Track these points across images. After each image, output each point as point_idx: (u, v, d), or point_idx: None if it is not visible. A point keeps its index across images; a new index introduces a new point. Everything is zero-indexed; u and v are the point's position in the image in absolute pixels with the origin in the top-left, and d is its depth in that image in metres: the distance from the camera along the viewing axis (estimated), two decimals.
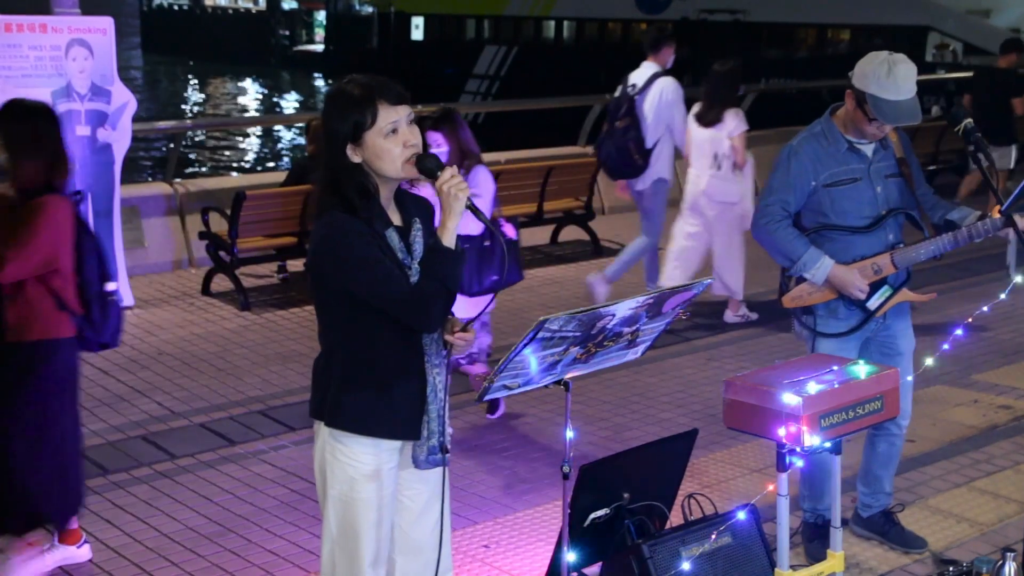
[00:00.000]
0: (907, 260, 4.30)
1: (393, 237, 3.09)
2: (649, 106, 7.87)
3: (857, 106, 4.19)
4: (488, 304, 3.73)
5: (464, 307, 5.37)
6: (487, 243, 5.77)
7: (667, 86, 7.90)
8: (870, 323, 4.37)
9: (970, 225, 4.22)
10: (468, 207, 3.02)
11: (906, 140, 4.46)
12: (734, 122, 7.73)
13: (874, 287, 4.31)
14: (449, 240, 3.01)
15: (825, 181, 4.27)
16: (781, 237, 4.28)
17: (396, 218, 3.16)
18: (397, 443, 3.19)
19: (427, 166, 3.04)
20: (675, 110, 7.91)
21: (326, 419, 3.20)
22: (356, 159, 3.07)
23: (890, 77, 4.08)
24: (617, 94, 8.09)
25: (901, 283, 4.36)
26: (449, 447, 3.24)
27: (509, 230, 6.01)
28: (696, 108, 7.94)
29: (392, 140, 3.04)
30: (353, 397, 3.14)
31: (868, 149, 4.32)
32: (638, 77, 7.96)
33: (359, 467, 3.16)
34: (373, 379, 3.13)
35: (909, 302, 4.47)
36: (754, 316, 7.98)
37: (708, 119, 7.79)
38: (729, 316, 8.05)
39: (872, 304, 4.32)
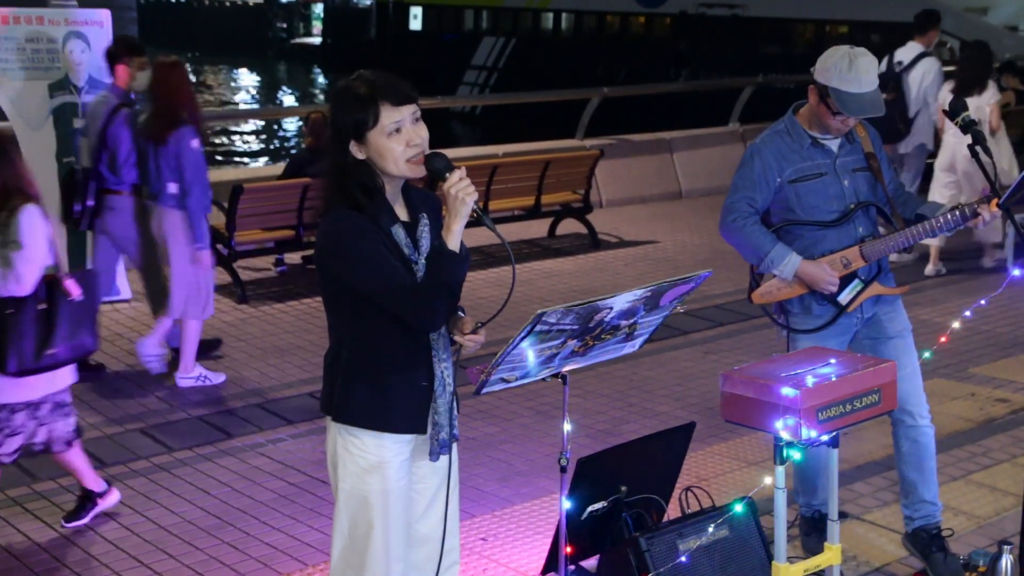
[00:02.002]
0: (876, 252, 4.29)
1: (399, 233, 3.09)
2: (913, 81, 9.42)
3: (820, 100, 4.19)
4: (499, 310, 3.18)
5: (15, 390, 4.56)
6: (42, 307, 4.62)
7: (931, 65, 9.47)
8: (847, 319, 4.34)
9: (940, 216, 4.22)
10: (475, 211, 3.01)
11: (874, 134, 4.46)
12: (991, 91, 8.97)
13: (845, 281, 4.30)
14: (453, 243, 2.99)
15: (790, 177, 4.27)
16: (748, 233, 4.28)
17: (403, 214, 3.15)
18: (406, 436, 3.18)
19: (435, 166, 3.02)
20: (935, 86, 9.37)
21: (333, 413, 3.20)
22: (360, 156, 3.07)
23: (852, 70, 4.09)
24: (883, 70, 9.22)
25: (872, 276, 4.35)
26: (458, 436, 3.25)
27: (73, 288, 4.75)
28: (951, 84, 9.06)
29: (395, 139, 3.03)
30: (359, 391, 3.14)
31: (833, 144, 4.32)
32: (904, 55, 9.50)
33: (370, 459, 3.15)
34: (379, 373, 3.13)
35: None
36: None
37: (972, 90, 8.80)
38: (986, 262, 9.37)
39: (843, 299, 4.30)
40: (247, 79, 50.81)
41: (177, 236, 6.44)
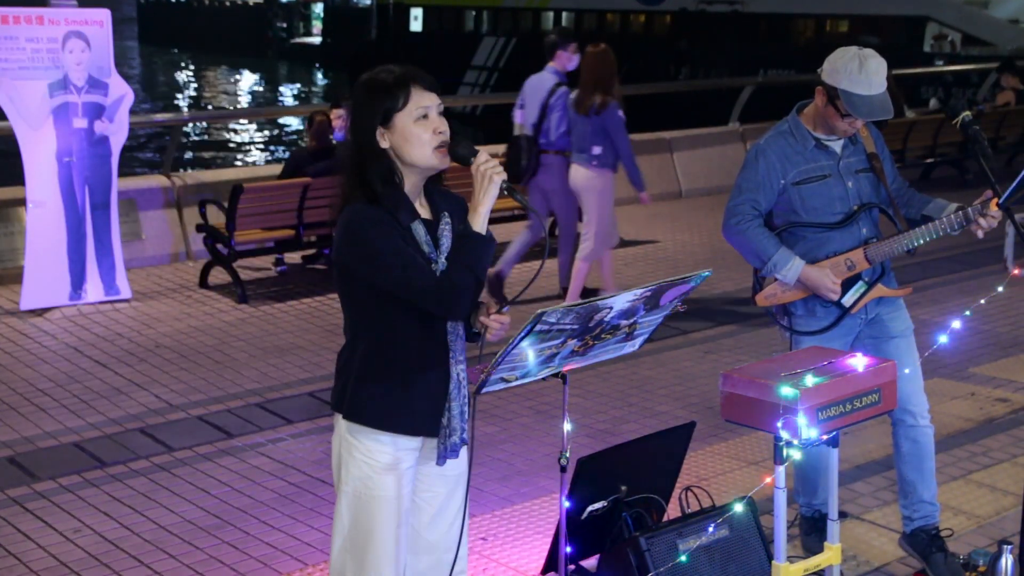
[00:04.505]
0: (880, 255, 4.26)
1: (419, 230, 3.05)
2: None
3: (828, 102, 4.14)
4: (528, 286, 3.33)
5: None
6: None
7: None
8: (851, 320, 4.33)
9: (944, 217, 4.19)
10: (504, 189, 2.99)
11: (877, 134, 4.42)
12: None
13: (848, 283, 4.27)
14: (480, 225, 2.97)
15: (794, 179, 4.24)
16: (752, 236, 4.25)
17: (424, 212, 3.12)
18: (415, 441, 3.15)
19: (460, 153, 3.01)
20: None
21: (344, 412, 3.17)
22: (384, 145, 3.04)
23: (862, 72, 4.05)
24: None
25: (876, 278, 4.33)
26: (467, 440, 3.20)
27: None
28: None
29: (422, 125, 3.01)
30: (371, 391, 3.10)
31: (837, 145, 4.29)
32: None
33: (375, 464, 3.11)
34: (393, 373, 3.09)
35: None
36: None
37: None
38: None
39: (847, 301, 4.28)
40: (247, 79, 50.79)
41: (594, 189, 7.85)
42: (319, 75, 50.51)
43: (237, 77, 50.94)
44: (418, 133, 3.01)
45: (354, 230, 3.00)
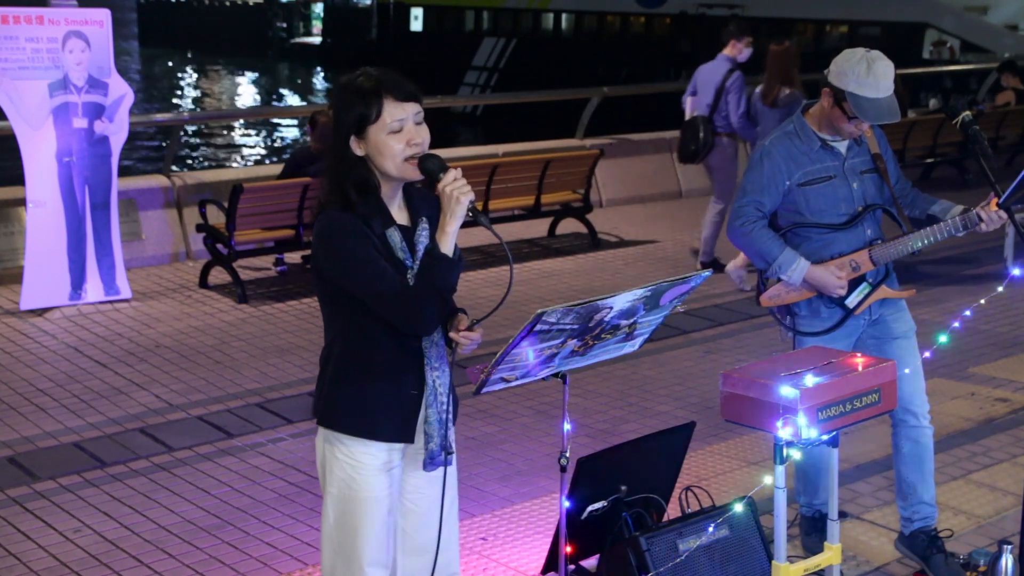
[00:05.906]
0: (885, 256, 4.26)
1: (394, 236, 3.05)
2: None
3: (835, 104, 4.13)
4: (498, 305, 3.23)
5: None
6: None
7: None
8: (854, 321, 4.32)
9: (949, 219, 4.19)
10: (470, 211, 2.98)
11: (880, 134, 4.41)
12: None
13: (853, 284, 4.27)
14: (446, 246, 2.95)
15: (799, 180, 4.23)
16: (756, 238, 4.24)
17: (402, 217, 3.12)
18: (395, 444, 3.15)
19: (428, 167, 2.98)
20: None
21: (318, 417, 3.18)
22: (359, 152, 3.03)
23: (869, 75, 4.03)
24: None
25: (880, 279, 4.33)
26: (453, 448, 3.21)
27: None
28: None
29: (395, 138, 2.99)
30: (344, 396, 3.12)
31: (842, 146, 4.28)
32: None
33: (357, 466, 3.12)
34: (365, 378, 3.10)
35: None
36: None
37: None
38: None
39: (851, 302, 4.28)
40: (247, 79, 50.78)
41: None
42: (319, 75, 50.48)
43: (239, 79, 50.92)
44: (390, 145, 2.99)
45: (327, 238, 3.01)
